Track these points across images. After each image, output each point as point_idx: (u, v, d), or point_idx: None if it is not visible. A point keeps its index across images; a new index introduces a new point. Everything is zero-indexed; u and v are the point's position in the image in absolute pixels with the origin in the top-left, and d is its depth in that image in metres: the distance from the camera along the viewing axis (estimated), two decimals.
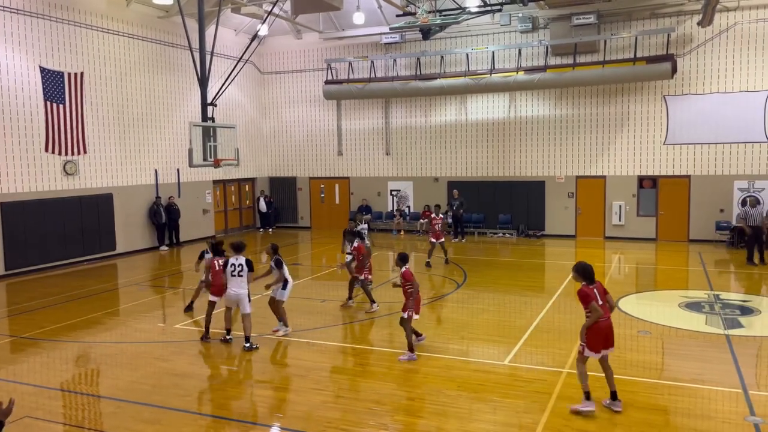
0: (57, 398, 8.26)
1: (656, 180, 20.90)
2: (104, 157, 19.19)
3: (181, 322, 11.69)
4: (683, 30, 19.92)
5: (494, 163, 22.96)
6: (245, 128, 25.03)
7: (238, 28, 24.09)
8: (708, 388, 8.00)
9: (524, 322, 11.14)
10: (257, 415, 7.45)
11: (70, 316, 12.14)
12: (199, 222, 23.07)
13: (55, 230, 17.53)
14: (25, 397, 8.21)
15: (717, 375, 8.42)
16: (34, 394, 8.30)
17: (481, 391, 8.02)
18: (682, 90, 20.15)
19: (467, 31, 22.52)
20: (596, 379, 7.69)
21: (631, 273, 16.40)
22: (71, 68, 18.00)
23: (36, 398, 8.14)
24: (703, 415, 7.21)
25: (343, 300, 12.80)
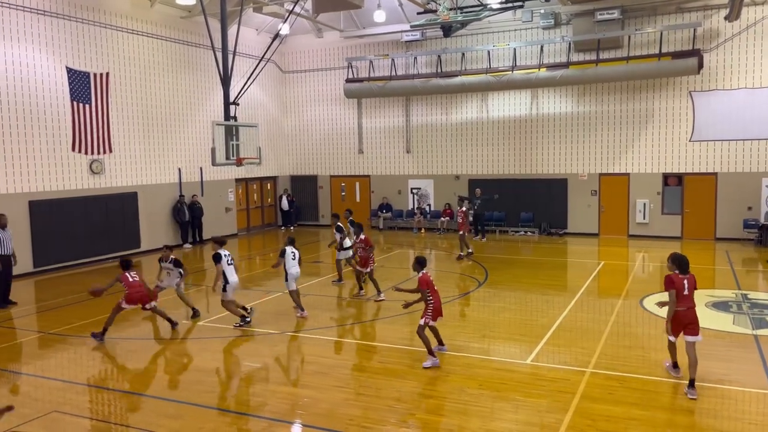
0: (84, 393, 8.40)
1: (682, 177, 20.57)
2: (129, 156, 19.46)
3: (205, 319, 11.82)
4: (710, 24, 19.56)
5: (516, 161, 22.79)
6: (267, 127, 25.19)
7: (259, 27, 24.25)
8: (735, 389, 7.86)
9: (546, 321, 11.05)
10: (279, 412, 7.50)
11: (96, 313, 12.33)
12: (222, 220, 23.28)
13: (82, 228, 17.83)
14: (53, 392, 8.37)
15: (744, 376, 8.27)
16: (61, 389, 8.46)
17: (502, 389, 7.98)
18: (709, 86, 19.79)
19: (488, 27, 22.38)
20: (615, 379, 7.56)
21: (655, 272, 16.16)
22: (97, 68, 18.28)
23: (63, 393, 8.29)
24: (730, 417, 7.09)
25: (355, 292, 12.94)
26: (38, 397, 8.29)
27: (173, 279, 11.97)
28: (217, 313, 12.22)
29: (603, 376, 8.30)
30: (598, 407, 7.31)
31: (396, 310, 12.26)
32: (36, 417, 7.46)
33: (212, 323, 11.52)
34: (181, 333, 11.07)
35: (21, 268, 15.07)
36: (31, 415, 7.49)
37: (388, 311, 12.18)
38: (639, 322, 11.13)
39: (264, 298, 13.46)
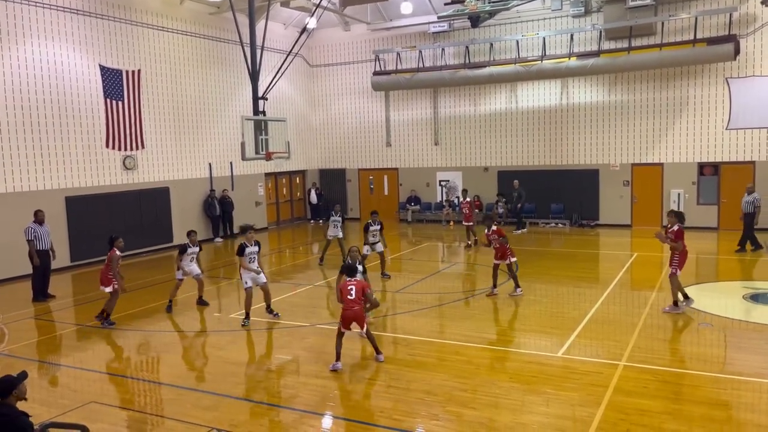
0: (121, 384, 8.61)
1: (718, 167, 20.06)
2: (161, 151, 19.79)
3: (236, 312, 11.98)
4: (746, 9, 18.97)
5: (546, 152, 22.51)
6: (295, 121, 25.31)
7: (287, 21, 24.35)
8: None
9: (578, 314, 10.91)
10: (310, 404, 7.57)
11: (131, 306, 12.60)
12: (253, 214, 23.51)
13: (116, 223, 18.15)
14: (91, 383, 8.59)
15: None
16: (98, 380, 8.68)
17: (533, 383, 7.91)
18: (746, 72, 19.23)
19: (517, 17, 22.08)
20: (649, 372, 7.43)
21: (690, 263, 15.78)
22: (129, 66, 18.60)
23: (101, 384, 8.50)
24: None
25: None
26: (77, 388, 8.52)
27: (194, 265, 12.27)
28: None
29: (637, 370, 8.17)
30: (631, 401, 7.20)
31: (425, 303, 12.28)
32: (75, 407, 7.66)
33: (242, 316, 11.65)
34: (211, 326, 11.24)
35: (59, 263, 15.45)
36: (70, 406, 7.70)
37: (417, 304, 12.18)
38: (673, 315, 10.91)
39: (294, 291, 13.57)
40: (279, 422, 7.19)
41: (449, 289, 13.43)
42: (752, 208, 16.14)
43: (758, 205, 16.18)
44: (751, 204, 16.18)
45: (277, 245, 21.33)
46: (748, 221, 16.24)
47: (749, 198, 16.27)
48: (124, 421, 7.40)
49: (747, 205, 16.24)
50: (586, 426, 6.61)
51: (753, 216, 16.15)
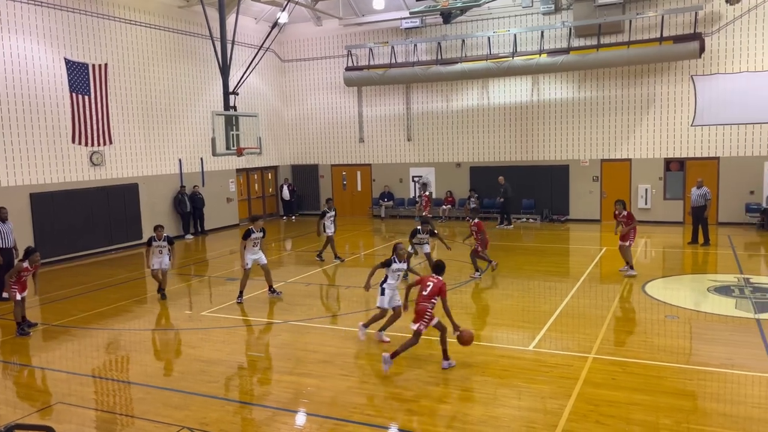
0: (88, 384, 8.44)
1: (684, 162, 20.50)
2: (129, 147, 19.43)
3: (207, 309, 11.84)
4: (711, 8, 19.40)
5: (517, 148, 22.72)
6: (267, 116, 25.11)
7: (258, 16, 24.10)
8: (738, 372, 7.86)
9: (549, 308, 11.05)
10: (283, 401, 7.52)
11: (99, 305, 12.37)
12: (224, 210, 23.29)
13: (83, 220, 17.84)
14: (58, 383, 8.41)
15: (747, 359, 8.27)
16: (65, 380, 8.50)
17: (506, 376, 7.99)
18: (711, 69, 19.66)
19: (488, 14, 22.22)
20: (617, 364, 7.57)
21: (657, 257, 16.15)
22: (95, 60, 18.20)
23: (68, 384, 8.32)
24: (733, 401, 7.10)
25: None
26: (43, 388, 8.34)
27: (164, 257, 12.50)
28: (218, 303, 12.26)
29: (605, 362, 8.31)
30: (600, 392, 7.32)
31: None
32: (41, 408, 7.49)
33: (213, 313, 11.55)
34: (182, 323, 11.10)
35: None
36: (35, 407, 7.52)
37: None
38: (641, 308, 11.14)
39: (266, 289, 13.45)
40: (251, 420, 7.13)
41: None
42: (703, 201, 16.53)
43: (709, 198, 16.58)
44: (702, 197, 16.57)
45: None
46: (700, 214, 16.61)
47: (700, 191, 16.66)
48: (92, 421, 7.25)
49: (698, 198, 16.62)
50: (557, 418, 6.70)
51: (704, 209, 16.54)
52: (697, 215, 16.73)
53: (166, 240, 12.54)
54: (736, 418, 6.60)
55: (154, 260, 12.50)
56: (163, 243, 12.52)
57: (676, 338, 9.44)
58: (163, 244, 12.51)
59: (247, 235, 12.20)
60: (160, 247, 12.52)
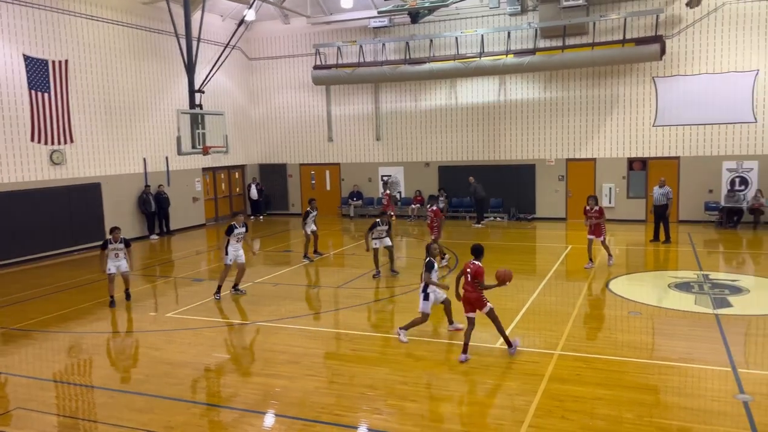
0: (49, 389, 8.23)
1: (646, 162, 20.98)
2: (91, 145, 18.99)
3: (172, 311, 11.66)
4: (672, 11, 19.88)
5: (485, 147, 22.93)
6: (234, 115, 24.84)
7: (224, 13, 23.81)
8: (698, 366, 8.08)
9: (516, 305, 11.19)
10: (251, 402, 7.45)
11: (60, 307, 12.07)
12: (189, 210, 22.96)
13: (44, 220, 17.38)
14: (17, 388, 8.18)
15: (706, 354, 8.51)
16: (25, 385, 8.27)
17: (473, 374, 8.06)
18: (671, 71, 20.16)
19: (456, 14, 22.37)
20: (582, 360, 7.70)
21: (621, 254, 16.47)
22: (56, 56, 17.75)
23: (27, 389, 8.11)
24: (693, 394, 7.29)
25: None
26: (1, 393, 8.09)
27: (122, 261, 12.03)
28: (184, 304, 12.08)
29: (571, 358, 8.45)
30: (565, 388, 7.44)
31: (367, 297, 12.29)
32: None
33: (179, 315, 11.38)
34: (147, 325, 10.91)
35: None
36: None
37: (359, 299, 12.19)
38: (605, 305, 11.36)
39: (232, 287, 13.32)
40: (218, 422, 7.05)
41: (391, 282, 13.50)
42: (665, 200, 16.96)
43: (670, 197, 17.02)
44: (664, 196, 17.00)
45: (215, 242, 20.88)
46: (662, 212, 17.04)
47: (662, 191, 17.10)
48: (54, 427, 7.08)
49: (660, 197, 17.04)
50: (523, 414, 6.79)
51: (666, 207, 16.97)
52: (659, 214, 17.15)
53: (122, 242, 12.02)
54: (696, 411, 6.78)
55: (109, 264, 11.91)
56: (120, 245, 11.97)
57: (639, 334, 9.66)
58: (119, 247, 11.97)
59: (230, 230, 12.30)
60: (116, 250, 11.96)
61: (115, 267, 12.00)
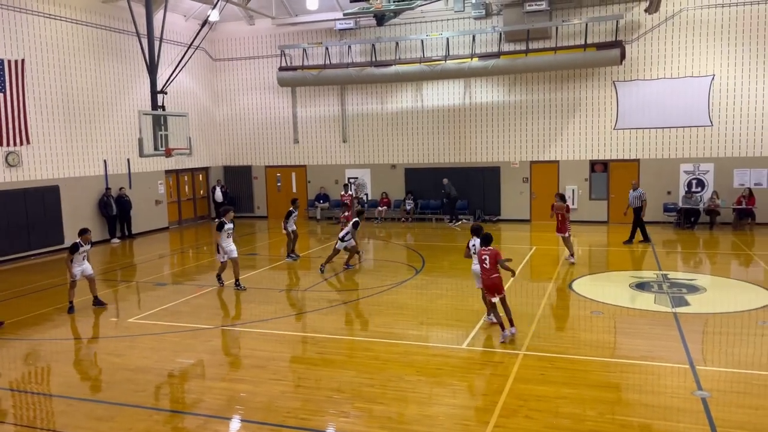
0: (5, 398, 7.97)
1: (607, 164, 21.42)
2: (49, 147, 18.49)
3: (135, 316, 11.43)
4: (631, 17, 20.37)
5: (450, 150, 23.11)
6: (198, 116, 24.49)
7: (187, 13, 23.46)
8: (657, 364, 8.28)
9: (481, 306, 11.25)
10: (215, 408, 7.35)
11: (17, 313, 11.70)
12: (152, 213, 22.54)
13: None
14: None
15: (666, 352, 8.72)
16: None
17: (440, 375, 8.11)
18: (631, 76, 20.64)
19: (422, 17, 22.50)
20: (546, 360, 7.83)
21: (584, 255, 16.78)
22: (11, 55, 17.22)
23: None
24: (653, 391, 7.46)
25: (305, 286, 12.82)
26: None
27: (85, 264, 11.83)
28: (146, 309, 11.86)
29: (535, 358, 8.57)
30: (530, 388, 7.54)
31: (333, 300, 12.26)
32: None
33: (141, 320, 11.16)
34: (107, 331, 10.67)
35: None
36: None
37: (325, 302, 12.14)
38: (568, 305, 11.55)
39: (198, 292, 13.13)
40: (182, 429, 6.92)
41: (357, 285, 13.49)
42: (639, 203, 17.35)
43: (644, 199, 17.42)
44: (637, 198, 17.39)
45: (179, 245, 20.55)
46: (637, 215, 17.43)
47: (635, 193, 17.49)
48: None
49: (634, 200, 17.44)
50: (488, 414, 6.86)
51: (640, 210, 17.36)
52: (635, 216, 17.46)
53: (90, 244, 11.90)
54: (655, 407, 6.95)
55: (75, 268, 11.63)
56: (88, 247, 11.82)
57: (601, 333, 9.86)
58: (87, 249, 11.82)
59: (221, 227, 12.88)
60: (85, 252, 11.79)
61: (80, 271, 11.72)
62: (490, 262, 9.17)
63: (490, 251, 9.28)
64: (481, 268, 9.29)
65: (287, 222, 16.29)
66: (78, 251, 11.63)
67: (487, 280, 9.18)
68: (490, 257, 9.20)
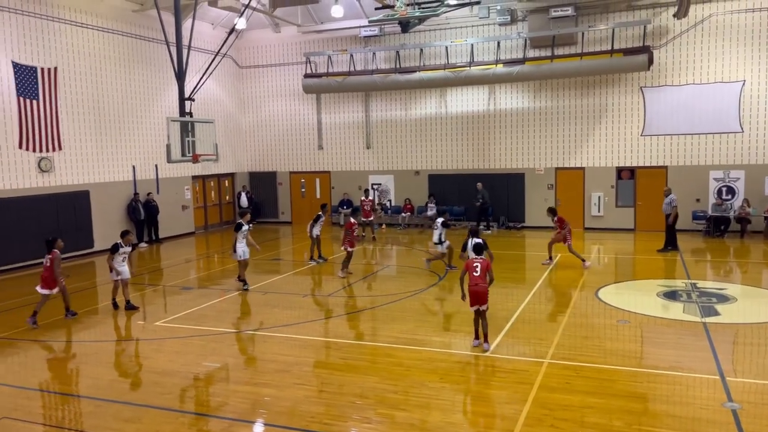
0: (36, 398, 8.14)
1: (634, 171, 21.14)
2: (80, 153, 18.89)
3: (161, 319, 11.58)
4: (659, 22, 20.12)
5: (474, 156, 23.03)
6: (224, 123, 24.81)
7: (215, 21, 23.82)
8: (686, 375, 8.13)
9: (505, 314, 11.21)
10: (240, 412, 7.41)
11: (47, 315, 11.94)
12: (179, 218, 22.85)
13: (31, 228, 17.21)
14: (3, 398, 8.08)
15: (695, 362, 8.56)
16: (11, 395, 8.18)
17: (463, 382, 8.06)
18: (659, 81, 20.36)
19: (446, 23, 22.51)
20: (571, 368, 7.75)
21: (610, 263, 16.58)
22: (44, 63, 17.67)
23: (14, 399, 8.01)
24: (682, 402, 7.33)
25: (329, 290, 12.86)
26: None
27: (125, 266, 12.17)
28: (172, 312, 12.01)
29: (560, 366, 8.47)
30: (555, 397, 7.46)
31: (357, 305, 12.29)
32: None
33: (167, 323, 11.31)
34: (135, 334, 10.83)
35: None
36: None
37: (349, 307, 12.17)
38: (594, 313, 11.40)
39: (223, 297, 13.27)
40: (207, 431, 7.01)
41: (381, 291, 13.49)
42: (669, 209, 17.05)
43: (674, 205, 17.11)
44: (668, 205, 17.10)
45: (205, 250, 20.79)
46: (667, 222, 17.10)
47: (667, 200, 17.20)
48: None
49: (665, 207, 17.15)
50: (513, 423, 6.79)
51: (669, 217, 17.02)
52: (666, 223, 17.15)
53: (131, 246, 12.27)
54: (684, 419, 6.82)
55: (118, 268, 12.04)
56: (128, 249, 12.20)
57: (628, 342, 9.71)
58: (128, 250, 12.19)
59: (239, 227, 13.50)
60: (125, 254, 12.15)
61: (121, 272, 12.11)
62: (481, 270, 9.15)
63: (482, 260, 9.28)
64: (471, 276, 9.19)
65: (314, 226, 16.51)
66: (118, 252, 12.02)
67: (474, 288, 9.10)
68: (481, 266, 9.18)
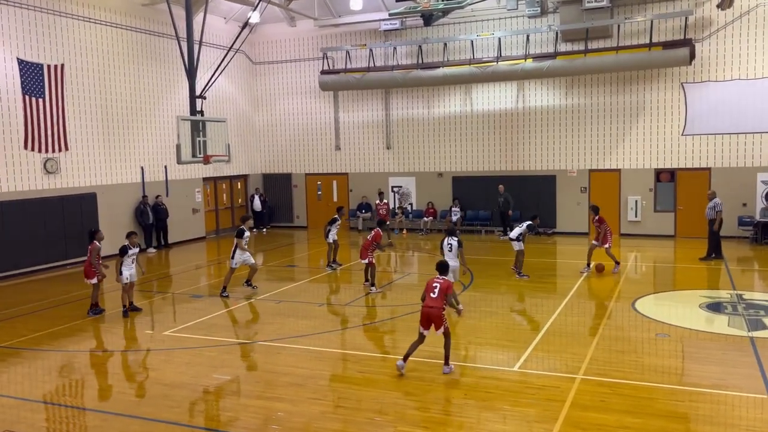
0: (39, 411, 8.26)
1: (674, 173, 20.87)
2: (87, 154, 19.19)
3: (170, 329, 11.70)
4: (701, 13, 19.87)
5: (502, 157, 22.93)
6: (236, 122, 25.01)
7: (227, 15, 24.07)
8: (731, 393, 7.98)
9: (535, 326, 11.13)
10: (251, 427, 7.44)
11: (52, 324, 12.13)
12: (189, 222, 23.08)
13: (36, 232, 17.52)
14: (6, 410, 8.22)
15: (740, 380, 8.40)
16: (14, 406, 8.31)
17: (489, 399, 8.01)
18: (701, 77, 20.10)
19: (472, 16, 22.47)
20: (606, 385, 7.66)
21: (648, 272, 16.37)
22: (51, 60, 17.99)
23: (17, 411, 8.14)
24: (726, 423, 7.20)
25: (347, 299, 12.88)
26: None
27: (133, 269, 12.63)
28: (182, 322, 12.12)
29: (594, 383, 8.38)
30: (589, 415, 7.37)
31: (376, 316, 12.28)
32: None
33: (177, 333, 11.41)
34: (143, 344, 10.95)
35: None
36: None
37: (368, 317, 12.18)
38: (631, 326, 11.26)
39: (234, 306, 13.36)
40: None
41: (401, 300, 13.47)
42: (712, 214, 16.79)
43: (718, 210, 16.83)
44: (711, 210, 16.84)
45: (216, 256, 20.96)
46: (710, 228, 16.85)
47: (710, 204, 16.94)
48: None
49: (708, 212, 16.89)
50: None
51: (713, 222, 16.77)
52: (709, 229, 16.91)
53: (138, 248, 12.78)
54: None
55: (125, 272, 12.43)
56: (136, 251, 12.71)
57: (667, 358, 9.57)
58: (136, 252, 12.69)
59: (241, 234, 13.80)
60: (134, 256, 12.62)
61: (128, 276, 12.51)
62: (439, 292, 8.68)
63: (442, 281, 8.80)
64: (427, 296, 8.78)
65: (329, 230, 16.60)
66: (128, 254, 12.44)
67: (428, 309, 8.66)
68: (440, 287, 8.71)
